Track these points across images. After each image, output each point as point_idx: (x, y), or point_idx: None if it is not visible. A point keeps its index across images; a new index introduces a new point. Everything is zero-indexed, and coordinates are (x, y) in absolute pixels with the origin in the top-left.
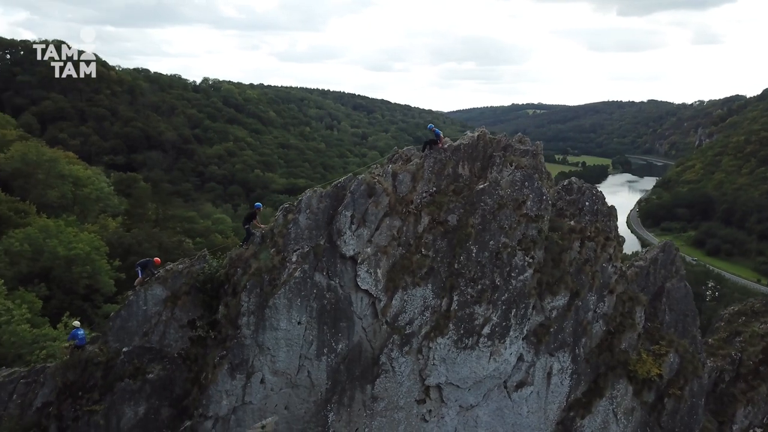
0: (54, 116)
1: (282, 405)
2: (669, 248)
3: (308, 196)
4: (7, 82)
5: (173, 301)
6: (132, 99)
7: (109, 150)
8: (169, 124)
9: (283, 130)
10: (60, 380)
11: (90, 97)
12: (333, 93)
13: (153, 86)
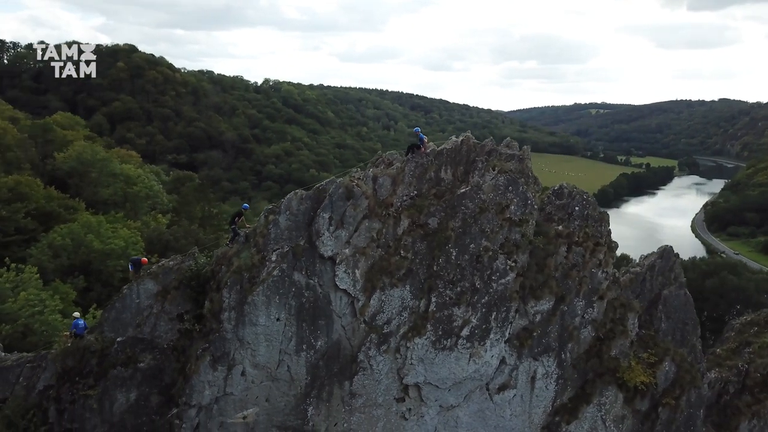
0: (123, 117)
1: (263, 397)
2: (668, 254)
3: (288, 197)
4: (81, 84)
5: (163, 296)
6: (196, 100)
7: (173, 149)
8: (229, 124)
9: (340, 130)
10: (60, 366)
11: (156, 99)
12: (391, 93)
13: (216, 87)
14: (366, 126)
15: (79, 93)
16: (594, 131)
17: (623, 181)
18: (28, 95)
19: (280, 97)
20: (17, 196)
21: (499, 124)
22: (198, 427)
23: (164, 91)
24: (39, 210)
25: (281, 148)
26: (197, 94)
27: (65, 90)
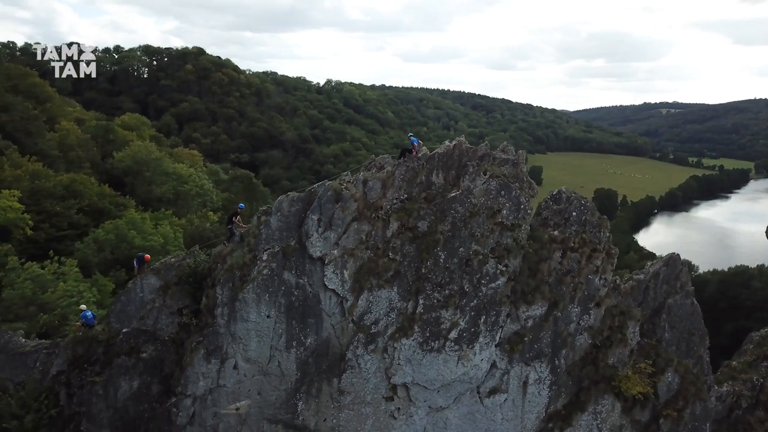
0: (189, 117)
1: (255, 390)
2: (674, 262)
3: (280, 199)
4: (152, 86)
5: (165, 291)
6: (259, 100)
7: (236, 148)
8: (290, 125)
9: (399, 130)
10: (70, 353)
11: (221, 99)
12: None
13: (279, 88)
14: (426, 126)
15: (150, 94)
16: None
17: (693, 184)
18: (104, 97)
19: (342, 98)
20: (72, 193)
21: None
22: (193, 416)
23: (229, 92)
24: (91, 206)
25: (339, 148)
26: (260, 95)
27: (137, 92)
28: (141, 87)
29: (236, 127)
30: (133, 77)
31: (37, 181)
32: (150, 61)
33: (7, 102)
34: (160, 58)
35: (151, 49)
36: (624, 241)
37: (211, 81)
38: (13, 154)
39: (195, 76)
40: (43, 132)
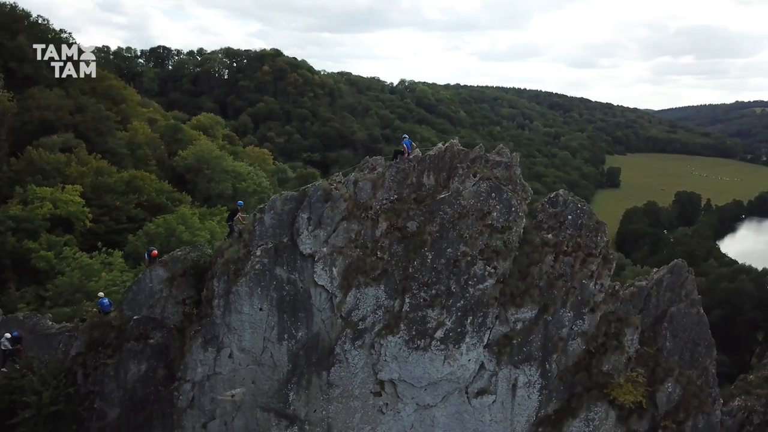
0: (265, 117)
1: (249, 379)
2: (679, 270)
3: (273, 198)
4: (231, 86)
5: (171, 282)
6: (332, 101)
7: (308, 147)
8: (361, 124)
9: (471, 129)
10: (87, 337)
11: (295, 100)
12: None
13: (352, 88)
14: (499, 125)
15: (229, 95)
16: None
17: None
18: (187, 97)
19: (414, 98)
20: (131, 189)
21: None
22: (193, 400)
23: (303, 92)
24: (150, 201)
25: None
26: (333, 96)
27: (218, 92)
28: (221, 88)
29: (309, 126)
30: (214, 78)
31: (99, 178)
32: (230, 62)
33: (82, 104)
34: (239, 60)
35: (232, 51)
36: (704, 248)
37: (287, 82)
38: (81, 152)
39: (271, 77)
40: (114, 131)
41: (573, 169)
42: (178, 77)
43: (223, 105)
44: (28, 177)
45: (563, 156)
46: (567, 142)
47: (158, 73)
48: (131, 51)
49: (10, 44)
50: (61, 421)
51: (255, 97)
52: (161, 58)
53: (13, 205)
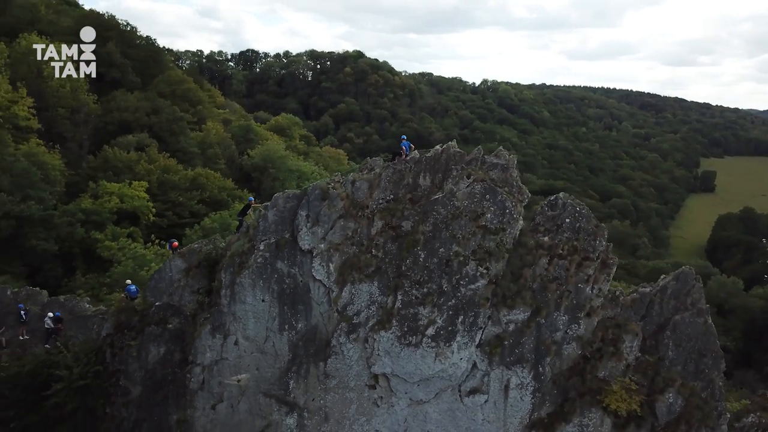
0: (346, 117)
1: (253, 366)
2: (685, 277)
3: (276, 196)
4: (314, 88)
5: (188, 272)
6: (411, 101)
7: (385, 148)
8: (440, 125)
9: (554, 130)
10: (116, 320)
11: (376, 101)
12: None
13: (432, 89)
14: (585, 126)
15: (312, 96)
16: None
17: None
18: (272, 98)
19: (496, 98)
20: (195, 185)
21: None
22: (203, 382)
23: (383, 93)
24: (212, 198)
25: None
26: (413, 96)
27: (301, 94)
28: (304, 89)
29: (388, 127)
30: (299, 80)
31: (166, 175)
32: (314, 64)
33: (158, 106)
34: (323, 62)
35: (316, 53)
36: None
37: (368, 83)
38: (151, 151)
39: (353, 78)
40: (186, 131)
41: (663, 172)
42: (265, 79)
43: (306, 106)
44: (102, 173)
45: (653, 158)
46: (658, 143)
47: (246, 76)
48: (222, 55)
49: (101, 50)
50: (88, 394)
51: (337, 98)
52: (250, 61)
53: (85, 198)
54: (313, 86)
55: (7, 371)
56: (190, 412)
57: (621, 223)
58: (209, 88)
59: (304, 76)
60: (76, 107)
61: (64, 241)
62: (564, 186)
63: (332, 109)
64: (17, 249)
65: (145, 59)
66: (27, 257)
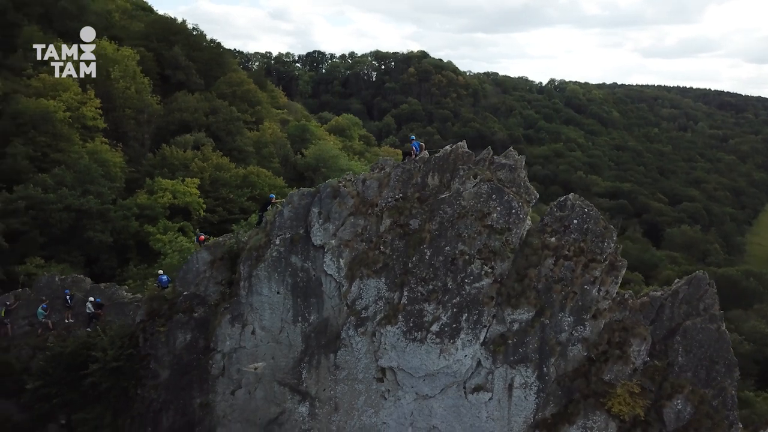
0: (408, 117)
1: (269, 355)
2: (698, 282)
3: (291, 194)
4: (378, 89)
5: (213, 264)
6: (475, 101)
7: None
8: (503, 125)
9: (624, 131)
10: (148, 307)
11: (439, 101)
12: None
13: (497, 89)
14: (658, 127)
15: (376, 96)
16: None
17: None
18: (337, 99)
19: (563, 98)
20: (246, 183)
21: None
22: (223, 369)
23: (447, 93)
24: (261, 195)
25: (550, 149)
26: (477, 96)
27: (365, 94)
28: (368, 89)
29: (450, 127)
30: (363, 81)
31: (218, 172)
32: (379, 65)
33: (216, 106)
34: (387, 63)
35: (380, 54)
36: None
37: (431, 83)
38: (206, 150)
39: (416, 78)
40: (242, 131)
41: (740, 175)
42: (330, 80)
43: (370, 106)
44: (159, 170)
45: (730, 161)
46: (736, 145)
47: (312, 77)
48: (290, 56)
49: (167, 54)
50: (121, 375)
51: (400, 99)
52: (316, 62)
53: (141, 194)
54: (377, 87)
55: (52, 351)
56: (212, 396)
57: (691, 228)
58: (272, 89)
59: (369, 76)
60: (140, 108)
61: (119, 233)
62: (631, 188)
63: (395, 109)
64: (76, 240)
65: (208, 62)
66: (85, 248)
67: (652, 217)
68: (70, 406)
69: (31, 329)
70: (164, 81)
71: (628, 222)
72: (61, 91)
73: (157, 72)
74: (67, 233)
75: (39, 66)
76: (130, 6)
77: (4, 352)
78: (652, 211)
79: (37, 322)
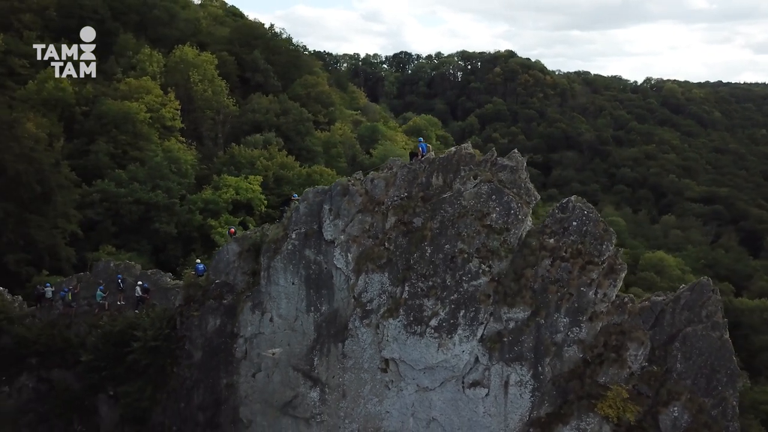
0: (492, 118)
1: (285, 341)
2: (701, 288)
3: (307, 191)
4: (462, 89)
5: (240, 255)
6: (562, 101)
7: (531, 149)
8: (591, 126)
9: (725, 132)
10: (185, 293)
11: (524, 101)
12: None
13: (587, 88)
14: (766, 128)
15: (460, 96)
16: None
17: None
18: (421, 99)
19: (660, 97)
20: (309, 181)
21: None
22: (246, 353)
23: (533, 93)
24: None
25: (641, 151)
26: (564, 96)
27: (449, 94)
28: (453, 90)
29: (535, 127)
30: (448, 81)
31: (282, 171)
32: (465, 65)
33: (287, 107)
34: (473, 63)
35: (467, 54)
36: None
37: (517, 83)
38: (272, 149)
39: (502, 78)
40: (312, 131)
41: None
42: (415, 80)
43: (454, 106)
44: (226, 168)
45: None
46: None
47: (398, 77)
48: (377, 57)
49: (248, 58)
50: (159, 354)
51: (485, 99)
52: (403, 63)
53: (207, 190)
54: (462, 87)
55: (103, 329)
56: (236, 378)
57: None
58: (353, 90)
59: (454, 77)
60: (217, 109)
61: (184, 225)
62: (728, 193)
63: (479, 109)
64: (145, 230)
65: (286, 64)
66: (152, 238)
67: (751, 224)
68: (116, 379)
69: (89, 309)
70: (244, 83)
71: (723, 229)
72: (144, 94)
73: (238, 75)
74: (136, 224)
75: (128, 71)
76: (222, 12)
77: (66, 329)
78: (751, 218)
79: (95, 303)
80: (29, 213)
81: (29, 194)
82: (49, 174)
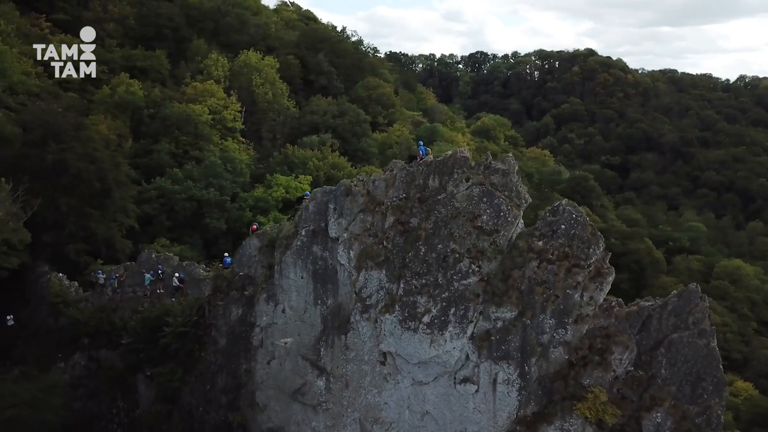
0: (568, 118)
1: (296, 332)
2: (689, 295)
3: (315, 191)
4: (538, 88)
5: (260, 249)
6: (644, 101)
7: (608, 150)
8: (675, 126)
9: None
10: (213, 284)
11: (603, 100)
12: None
13: (672, 87)
14: None
15: (536, 96)
16: None
17: None
18: (496, 99)
19: (754, 96)
20: None
21: None
22: (262, 341)
23: (613, 92)
24: None
25: (729, 153)
26: (647, 95)
27: (525, 94)
28: (529, 89)
29: (613, 128)
30: (524, 80)
31: (332, 171)
32: (542, 64)
33: (344, 109)
34: (551, 62)
35: (544, 53)
36: None
37: (596, 82)
38: (325, 150)
39: (580, 77)
40: (368, 132)
41: None
42: (491, 80)
43: (529, 106)
44: (280, 168)
45: None
46: None
47: (473, 77)
48: (453, 57)
49: (312, 60)
50: (187, 340)
51: (561, 99)
52: (478, 63)
53: (259, 188)
54: (538, 86)
55: (142, 314)
56: (254, 364)
57: None
58: (421, 91)
59: (531, 76)
60: (278, 110)
61: (234, 221)
62: None
63: (555, 109)
64: (197, 225)
65: (350, 67)
66: (203, 232)
67: None
68: (152, 360)
69: (133, 295)
70: (308, 85)
71: None
72: (208, 97)
73: (302, 77)
74: (189, 219)
75: (196, 75)
76: (296, 17)
77: (112, 312)
78: None
79: (142, 288)
80: (90, 208)
81: (90, 190)
82: (109, 172)
